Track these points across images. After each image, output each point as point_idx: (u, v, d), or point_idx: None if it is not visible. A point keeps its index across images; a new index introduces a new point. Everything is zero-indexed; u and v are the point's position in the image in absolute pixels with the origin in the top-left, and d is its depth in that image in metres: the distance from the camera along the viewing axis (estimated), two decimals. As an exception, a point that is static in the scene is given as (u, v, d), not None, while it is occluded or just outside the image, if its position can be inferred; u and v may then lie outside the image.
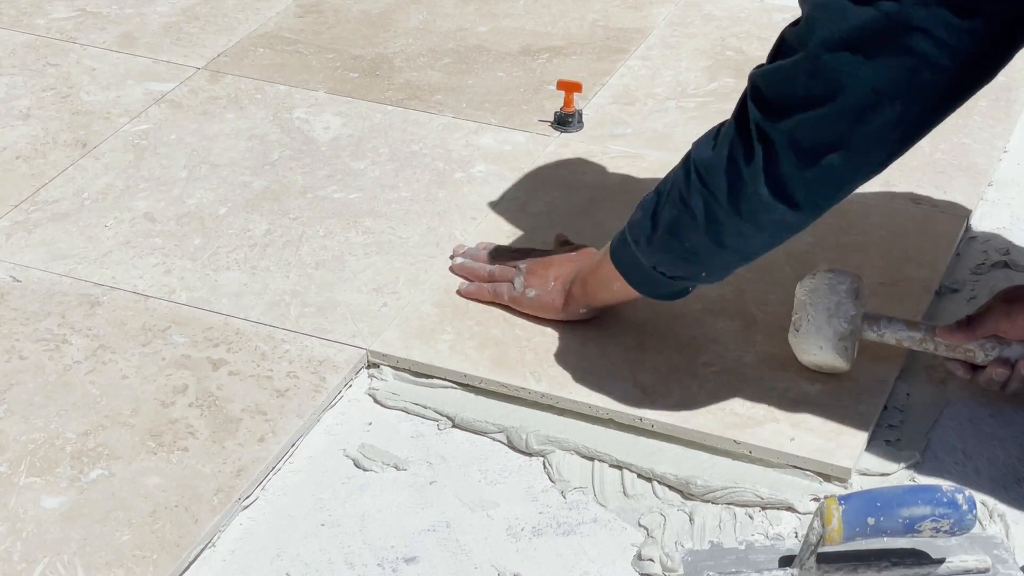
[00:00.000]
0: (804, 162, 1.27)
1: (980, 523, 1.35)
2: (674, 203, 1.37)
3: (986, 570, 1.29)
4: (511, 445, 1.46)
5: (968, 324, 1.44)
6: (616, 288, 1.49)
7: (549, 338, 1.56)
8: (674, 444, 1.45)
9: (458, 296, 1.62)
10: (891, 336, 1.48)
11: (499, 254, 1.65)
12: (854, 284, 1.47)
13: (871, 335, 1.48)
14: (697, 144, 1.36)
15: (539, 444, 1.45)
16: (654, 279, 1.44)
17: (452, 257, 1.68)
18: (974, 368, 1.46)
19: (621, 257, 1.46)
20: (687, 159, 1.37)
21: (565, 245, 1.65)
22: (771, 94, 1.27)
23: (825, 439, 1.42)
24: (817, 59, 1.23)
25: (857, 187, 1.33)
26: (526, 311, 1.58)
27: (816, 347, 1.46)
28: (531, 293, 1.57)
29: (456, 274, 1.65)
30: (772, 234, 1.35)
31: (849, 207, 1.76)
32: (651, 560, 1.32)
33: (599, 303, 1.55)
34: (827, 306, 1.46)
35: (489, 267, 1.63)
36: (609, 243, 1.49)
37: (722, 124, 1.34)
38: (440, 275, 1.67)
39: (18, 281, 1.67)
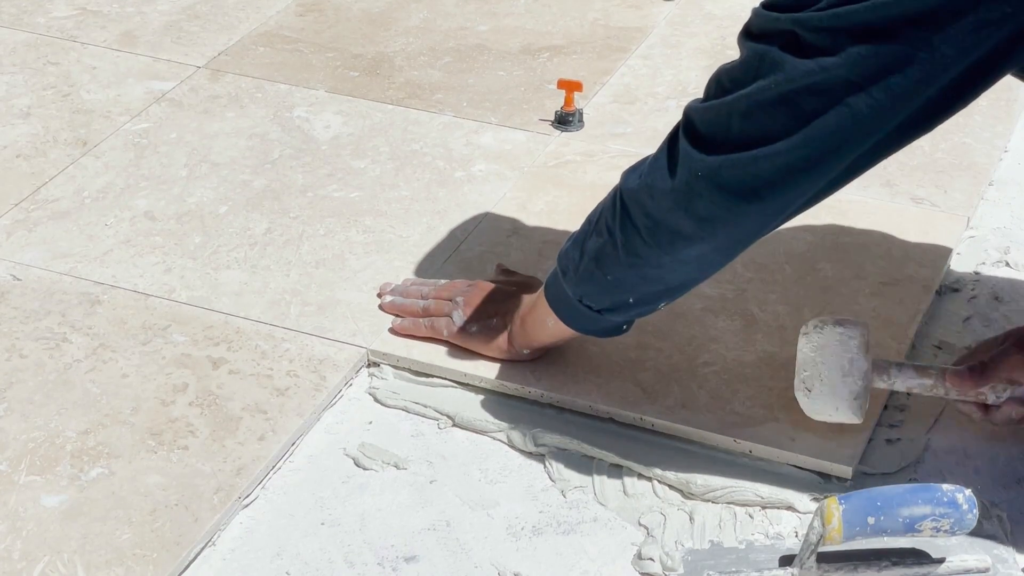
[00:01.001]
0: (726, 200, 1.25)
1: (980, 522, 1.34)
2: (599, 232, 1.35)
3: (986, 569, 1.29)
4: (511, 444, 1.46)
5: (981, 372, 1.39)
6: (551, 326, 1.44)
7: (549, 337, 1.56)
8: (674, 443, 1.45)
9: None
10: (901, 384, 1.42)
11: (427, 288, 1.59)
12: (864, 336, 1.39)
13: (881, 384, 1.41)
14: (626, 173, 1.34)
15: (539, 443, 1.45)
16: (582, 314, 1.41)
17: (379, 296, 1.62)
18: (987, 408, 1.42)
19: (552, 291, 1.43)
20: (615, 188, 1.34)
21: (505, 274, 1.62)
22: (704, 130, 1.25)
23: (825, 438, 1.42)
24: (750, 105, 1.21)
25: (778, 226, 1.31)
26: (466, 347, 1.52)
27: (832, 408, 1.39)
28: (472, 328, 1.51)
29: (387, 312, 1.59)
30: (694, 268, 1.33)
31: (849, 207, 1.76)
32: (651, 559, 1.32)
33: (538, 344, 1.49)
34: (840, 364, 1.38)
35: (423, 302, 1.56)
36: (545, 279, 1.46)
37: (652, 154, 1.32)
38: (441, 274, 1.66)
39: (18, 280, 1.67)
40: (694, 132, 1.26)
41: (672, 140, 1.29)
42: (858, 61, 1.17)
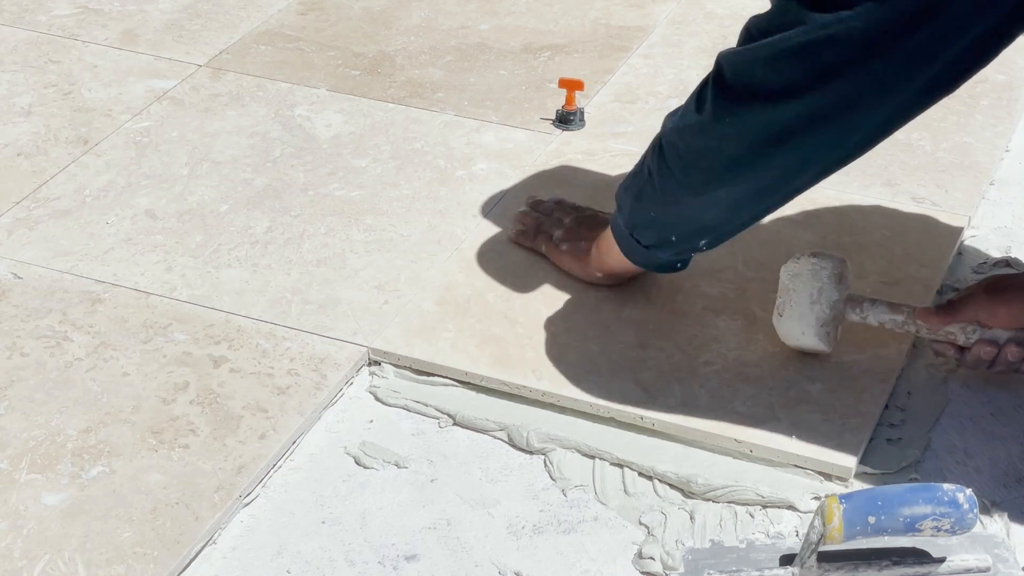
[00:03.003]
0: (749, 145, 1.32)
1: (981, 522, 1.35)
2: (641, 172, 1.45)
3: (987, 569, 1.29)
4: (512, 443, 1.46)
5: (948, 309, 1.46)
6: (615, 255, 1.55)
7: (550, 336, 1.56)
8: (675, 442, 1.45)
9: (460, 291, 1.62)
10: (874, 318, 1.49)
11: (557, 206, 1.72)
12: (837, 269, 1.48)
13: (854, 317, 1.49)
14: (667, 117, 1.43)
15: (540, 442, 1.45)
16: (635, 247, 1.51)
17: (522, 207, 1.75)
18: (961, 350, 1.47)
19: (613, 224, 1.53)
20: (660, 130, 1.43)
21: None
22: (730, 76, 1.32)
23: (826, 438, 1.42)
24: (773, 53, 1.27)
25: (807, 181, 1.37)
26: (556, 263, 1.65)
27: (799, 332, 1.48)
28: (563, 247, 1.64)
29: (515, 220, 1.73)
30: (725, 209, 1.40)
31: (850, 206, 1.76)
32: (652, 558, 1.32)
33: (608, 269, 1.59)
34: (809, 292, 1.47)
35: (542, 216, 1.71)
36: None
37: (688, 98, 1.39)
38: (441, 273, 1.67)
39: (19, 278, 1.67)
40: (722, 78, 1.32)
41: (703, 86, 1.36)
42: (873, 14, 1.21)
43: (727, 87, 1.31)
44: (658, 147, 1.41)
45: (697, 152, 1.36)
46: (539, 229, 1.69)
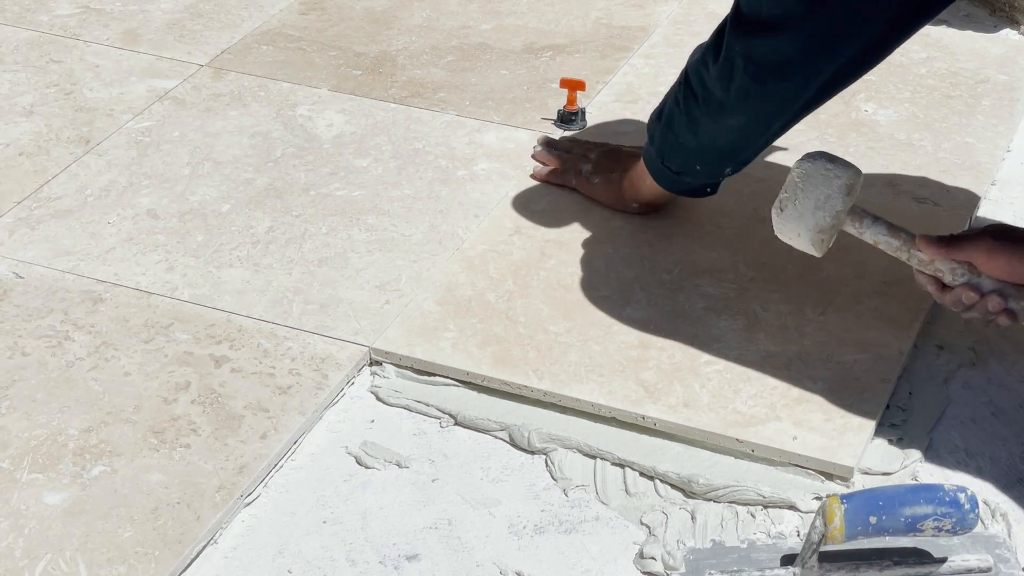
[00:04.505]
0: (757, 76, 1.45)
1: (982, 522, 1.35)
2: (670, 99, 1.58)
3: (988, 569, 1.29)
4: (513, 443, 1.46)
5: (949, 242, 1.44)
6: (649, 183, 1.67)
7: (551, 336, 1.56)
8: (676, 442, 1.45)
9: (461, 291, 1.62)
10: (870, 236, 1.46)
11: (575, 143, 1.84)
12: (849, 179, 1.44)
13: (851, 230, 1.46)
14: (693, 50, 1.56)
15: (541, 442, 1.45)
16: (664, 174, 1.63)
17: (536, 146, 1.86)
18: (944, 288, 1.45)
19: (646, 153, 1.65)
20: (688, 61, 1.56)
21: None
22: (745, 11, 1.44)
23: (827, 438, 1.42)
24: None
25: (803, 109, 1.50)
26: (588, 195, 1.77)
27: (795, 233, 1.46)
28: (595, 180, 1.76)
29: (535, 159, 1.84)
30: (738, 136, 1.54)
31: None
32: (653, 558, 1.32)
33: (642, 198, 1.72)
34: (815, 197, 1.44)
35: (565, 154, 1.81)
36: None
37: (712, 33, 1.52)
38: (443, 273, 1.67)
39: (21, 278, 1.67)
40: (738, 13, 1.45)
41: (725, 22, 1.48)
42: None
43: (741, 21, 1.44)
44: (684, 77, 1.55)
45: (713, 82, 1.49)
46: (565, 165, 1.80)
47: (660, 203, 1.73)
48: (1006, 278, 1.42)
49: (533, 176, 1.83)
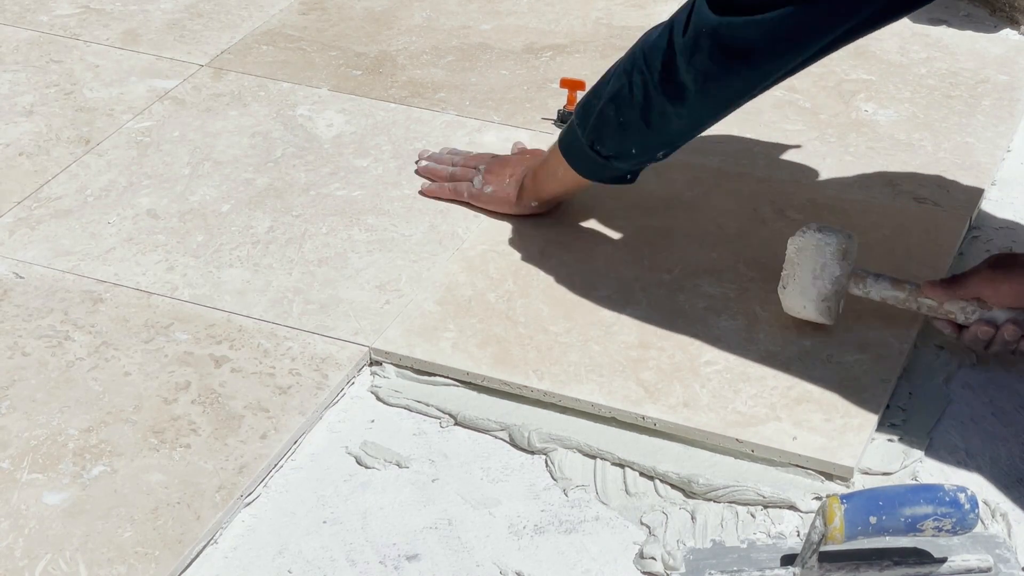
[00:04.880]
0: (721, 57, 1.43)
1: (982, 522, 1.35)
2: (618, 77, 1.54)
3: (988, 569, 1.29)
4: (513, 443, 1.46)
5: (952, 282, 1.48)
6: (561, 175, 1.64)
7: (551, 336, 1.56)
8: (676, 442, 1.45)
9: (461, 291, 1.63)
10: (876, 294, 1.51)
11: (454, 154, 1.82)
12: (842, 244, 1.49)
13: (856, 292, 1.52)
14: (649, 30, 1.53)
15: (541, 442, 1.45)
16: (590, 159, 1.59)
17: (417, 161, 1.84)
18: (959, 328, 1.49)
19: (566, 140, 1.61)
20: (638, 41, 1.53)
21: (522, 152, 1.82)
22: None
23: (827, 438, 1.42)
24: None
25: (760, 93, 1.48)
26: (483, 206, 1.75)
27: (800, 306, 1.52)
28: (488, 189, 1.73)
29: (420, 175, 1.82)
30: (687, 123, 1.51)
31: (851, 206, 1.77)
32: (653, 558, 1.32)
33: (548, 194, 1.70)
34: (812, 268, 1.50)
35: (451, 168, 1.79)
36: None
37: (674, 14, 1.50)
38: (443, 273, 1.67)
39: (21, 278, 1.67)
40: None
41: (688, 7, 1.46)
42: None
43: (712, 1, 1.42)
44: (640, 55, 1.51)
45: (674, 62, 1.46)
46: (453, 178, 1.78)
47: (563, 199, 1.72)
48: (1016, 304, 1.44)
49: (423, 192, 1.80)
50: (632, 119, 1.53)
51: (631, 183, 1.64)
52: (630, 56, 1.53)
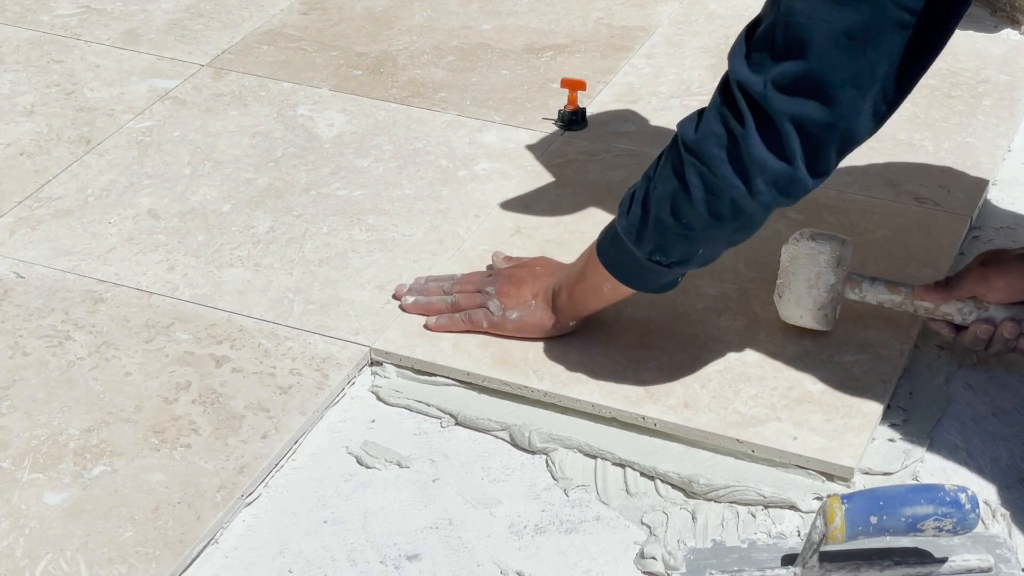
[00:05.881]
0: (791, 115, 1.27)
1: (983, 522, 1.35)
2: (667, 180, 1.35)
3: (989, 569, 1.29)
4: (514, 443, 1.46)
5: (946, 285, 1.48)
6: (607, 291, 1.46)
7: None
8: (677, 443, 1.45)
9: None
10: (873, 297, 1.51)
11: (447, 283, 1.60)
12: (835, 252, 1.49)
13: (852, 296, 1.52)
14: (681, 123, 1.35)
15: (542, 442, 1.45)
16: (648, 270, 1.41)
17: (396, 297, 1.61)
18: (958, 328, 1.49)
19: (612, 255, 1.44)
20: (674, 140, 1.35)
21: (509, 261, 1.63)
22: (753, 50, 1.28)
23: (828, 438, 1.42)
24: (790, 10, 1.24)
25: (851, 144, 1.32)
26: (509, 334, 1.54)
27: (797, 315, 1.52)
28: (513, 315, 1.53)
29: (412, 312, 1.59)
30: (770, 197, 1.31)
31: (852, 206, 1.76)
32: (654, 558, 1.32)
33: (589, 310, 1.52)
34: (807, 277, 1.49)
35: (449, 298, 1.57)
36: (592, 247, 1.47)
37: (704, 108, 1.34)
38: (443, 272, 1.66)
39: (22, 277, 1.67)
40: (746, 55, 1.29)
41: (725, 78, 1.31)
42: None
43: (750, 62, 1.29)
44: (684, 152, 1.33)
45: (739, 140, 1.29)
46: (458, 308, 1.56)
47: (602, 311, 1.53)
48: (1011, 299, 1.44)
49: (429, 328, 1.56)
50: (698, 220, 1.34)
51: (679, 286, 1.46)
52: (674, 156, 1.34)
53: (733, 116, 1.29)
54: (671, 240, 1.37)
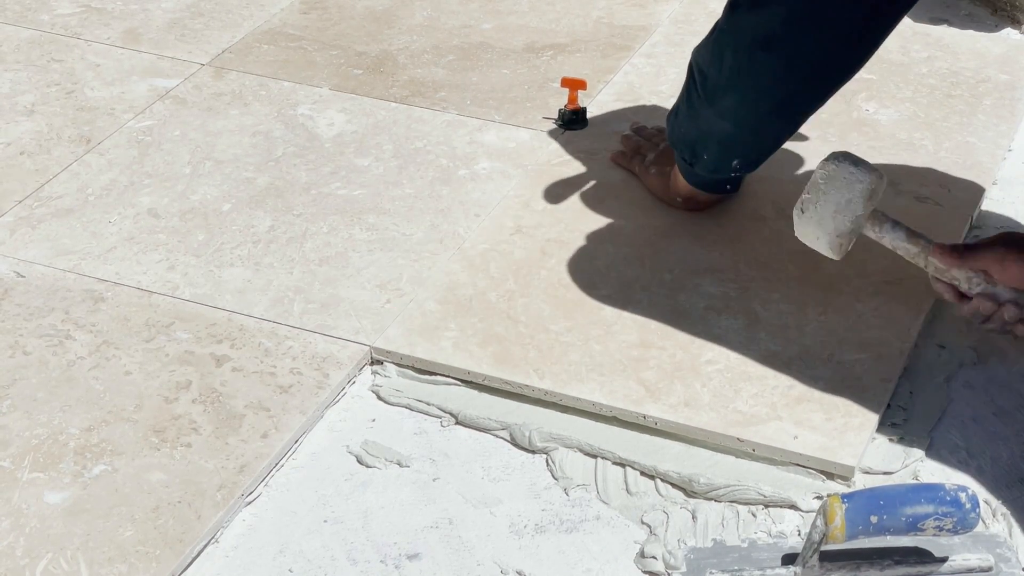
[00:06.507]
0: (745, 50, 1.49)
1: (983, 522, 1.35)
2: (680, 93, 1.62)
3: (989, 569, 1.29)
4: (514, 442, 1.46)
5: (963, 252, 1.48)
6: (681, 180, 1.71)
7: (552, 335, 1.56)
8: (677, 442, 1.45)
9: (462, 290, 1.62)
10: (889, 241, 1.50)
11: (660, 133, 1.84)
12: (872, 184, 1.47)
13: (870, 234, 1.50)
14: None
15: (542, 441, 1.45)
16: (683, 166, 1.67)
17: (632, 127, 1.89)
18: (961, 296, 1.49)
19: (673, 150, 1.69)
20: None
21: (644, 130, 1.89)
22: None
23: (828, 437, 1.42)
24: None
25: (799, 92, 1.52)
26: (644, 184, 1.79)
27: (814, 236, 1.50)
28: (652, 170, 1.78)
29: (620, 141, 1.88)
30: (731, 122, 1.55)
31: (853, 205, 1.76)
32: (654, 558, 1.32)
33: (682, 193, 1.73)
34: (837, 200, 1.47)
35: (643, 142, 1.85)
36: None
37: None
38: (443, 272, 1.67)
39: (22, 277, 1.67)
40: None
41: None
42: None
43: (734, 2, 1.50)
44: (688, 68, 1.59)
45: (707, 63, 1.54)
46: (636, 151, 1.83)
47: (700, 200, 1.73)
48: (1020, 285, 1.44)
49: (610, 158, 1.87)
50: (688, 127, 1.61)
51: (733, 192, 1.73)
52: (688, 72, 1.60)
53: (716, 40, 1.55)
54: (682, 141, 1.63)
